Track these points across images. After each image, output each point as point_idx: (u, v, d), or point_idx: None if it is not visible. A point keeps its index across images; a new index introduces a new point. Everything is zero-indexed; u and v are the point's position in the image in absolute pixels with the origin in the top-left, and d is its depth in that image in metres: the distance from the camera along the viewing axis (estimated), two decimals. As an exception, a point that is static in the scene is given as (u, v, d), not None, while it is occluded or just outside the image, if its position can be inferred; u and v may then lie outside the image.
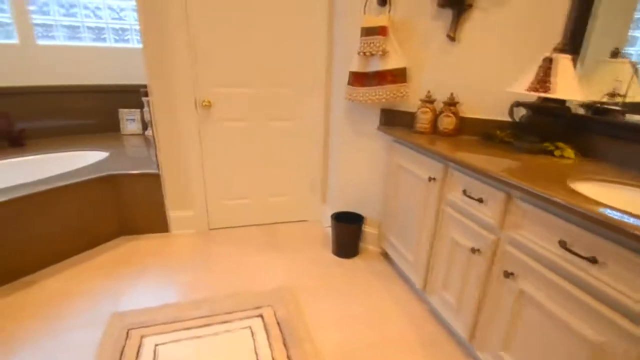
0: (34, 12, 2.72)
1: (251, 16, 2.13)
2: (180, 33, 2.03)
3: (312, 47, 2.28)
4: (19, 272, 1.88)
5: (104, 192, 2.18)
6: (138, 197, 2.29)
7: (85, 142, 2.80)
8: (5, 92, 2.60)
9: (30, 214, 1.85)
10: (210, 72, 2.17)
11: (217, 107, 2.25)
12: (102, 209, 2.20)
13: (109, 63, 3.00)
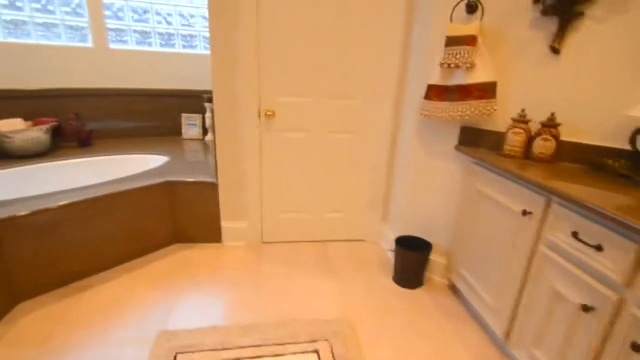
0: (108, 17, 2.82)
1: (320, 24, 2.00)
2: (248, 41, 1.95)
3: (383, 56, 2.10)
4: (75, 275, 1.87)
5: (160, 198, 2.14)
6: (193, 205, 2.23)
7: (147, 145, 2.83)
8: (77, 94, 2.69)
9: (89, 217, 1.84)
10: (275, 81, 2.07)
11: (279, 116, 2.14)
12: (158, 215, 2.16)
13: (175, 68, 3.04)
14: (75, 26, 2.71)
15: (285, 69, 2.06)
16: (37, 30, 2.51)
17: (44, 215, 1.66)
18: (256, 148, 2.17)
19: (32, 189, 2.21)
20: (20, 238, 1.63)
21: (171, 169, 2.31)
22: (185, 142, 3.08)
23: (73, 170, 2.40)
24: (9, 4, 2.40)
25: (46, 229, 1.69)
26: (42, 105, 2.52)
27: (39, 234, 1.68)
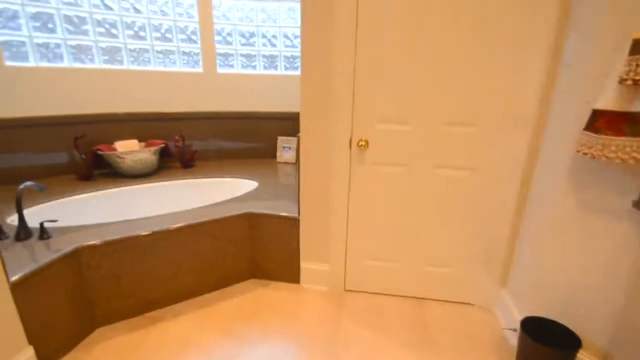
0: (218, 42, 2.90)
1: (432, 34, 1.56)
2: (343, 59, 1.64)
3: (519, 71, 1.54)
4: (149, 304, 1.79)
5: (241, 230, 1.96)
6: (273, 240, 2.00)
7: (243, 168, 2.75)
8: (184, 117, 2.79)
9: (168, 246, 1.74)
10: (372, 106, 1.71)
11: (374, 147, 1.77)
12: (236, 248, 1.98)
13: (276, 90, 2.96)
14: (189, 52, 2.84)
15: (383, 90, 1.68)
16: (156, 58, 2.70)
17: (126, 243, 1.60)
18: (344, 182, 1.83)
19: (129, 209, 2.26)
20: (102, 263, 1.59)
21: (257, 197, 2.14)
22: (280, 165, 2.95)
23: (171, 192, 2.42)
24: (134, 34, 2.63)
25: (127, 255, 1.63)
26: (154, 127, 2.68)
27: (119, 260, 1.63)
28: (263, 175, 2.57)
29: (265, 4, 2.91)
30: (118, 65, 2.55)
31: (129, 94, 2.54)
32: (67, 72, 2.31)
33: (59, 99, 2.29)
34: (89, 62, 2.44)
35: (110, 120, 2.48)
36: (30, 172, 2.24)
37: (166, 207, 2.35)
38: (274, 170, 2.77)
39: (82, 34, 2.40)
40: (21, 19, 2.16)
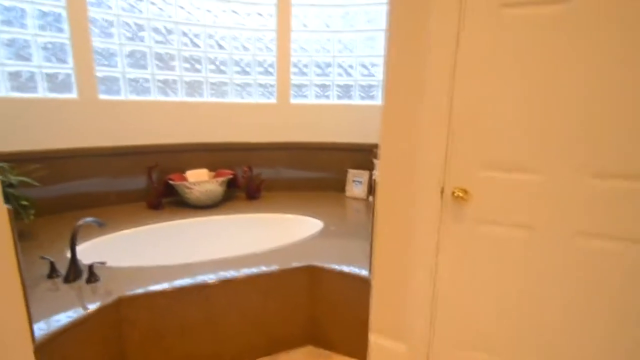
0: (294, 74, 2.86)
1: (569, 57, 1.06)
2: (437, 88, 1.22)
3: None
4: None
5: (299, 285, 1.60)
6: (337, 302, 1.59)
7: (309, 202, 2.48)
8: (255, 147, 2.64)
9: (213, 299, 1.46)
10: (475, 147, 1.23)
11: (477, 200, 1.27)
12: (293, 307, 1.62)
13: (350, 120, 2.80)
14: (265, 84, 2.85)
15: (495, 125, 1.19)
16: (234, 90, 2.76)
17: (169, 295, 1.38)
18: (431, 242, 1.35)
19: (188, 243, 2.10)
20: (140, 317, 1.36)
21: (321, 243, 1.80)
22: (348, 201, 2.71)
23: (231, 227, 2.21)
24: (215, 68, 2.72)
25: (166, 309, 1.39)
26: (226, 157, 2.66)
27: (158, 314, 1.38)
28: (330, 213, 2.24)
29: (342, 35, 2.82)
30: (198, 97, 2.65)
31: (206, 124, 2.59)
32: (153, 105, 2.31)
33: (143, 129, 2.28)
34: (172, 94, 2.58)
35: (185, 150, 2.52)
36: (109, 197, 2.22)
37: (224, 244, 2.23)
38: (342, 206, 2.48)
39: (169, 69, 2.55)
40: (117, 57, 2.36)
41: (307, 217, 2.22)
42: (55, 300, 1.26)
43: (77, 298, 1.28)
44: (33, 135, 1.96)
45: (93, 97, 2.14)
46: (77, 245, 1.68)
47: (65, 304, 1.24)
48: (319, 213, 2.25)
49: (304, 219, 2.21)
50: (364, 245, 1.75)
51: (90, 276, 1.36)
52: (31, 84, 2.01)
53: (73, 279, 1.36)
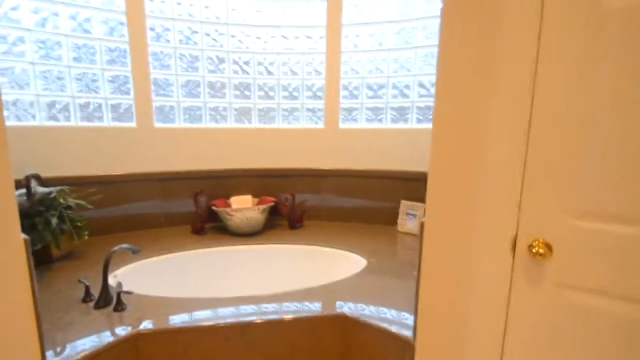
0: (343, 97, 2.75)
1: None
2: (509, 99, 0.95)
3: None
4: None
5: (329, 335, 1.40)
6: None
7: (354, 235, 2.27)
8: (300, 174, 2.56)
9: (232, 340, 1.33)
10: (563, 184, 0.91)
11: (563, 258, 0.94)
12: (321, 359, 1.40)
13: (404, 145, 2.57)
14: (312, 108, 2.78)
15: (597, 153, 0.87)
16: (282, 115, 2.74)
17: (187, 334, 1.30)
18: (497, 308, 1.03)
19: (223, 273, 2.07)
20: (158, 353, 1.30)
21: (360, 286, 1.58)
22: (400, 236, 2.44)
23: (268, 259, 2.12)
24: (264, 94, 2.75)
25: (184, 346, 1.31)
26: (271, 183, 2.59)
27: (177, 351, 1.31)
28: (376, 250, 2.01)
29: (397, 54, 2.63)
30: (247, 124, 2.69)
31: (252, 150, 2.60)
32: (204, 132, 2.37)
33: (193, 155, 2.36)
34: (222, 121, 2.66)
35: (232, 176, 2.53)
36: (158, 220, 2.31)
37: (257, 276, 2.15)
38: (392, 242, 2.19)
39: (220, 97, 2.64)
40: (173, 87, 2.51)
41: (349, 252, 2.04)
42: (80, 327, 1.27)
43: (101, 327, 1.27)
44: (94, 161, 2.14)
45: (149, 125, 2.28)
46: (120, 268, 1.75)
47: (87, 332, 1.24)
48: (363, 249, 2.05)
49: (346, 254, 2.04)
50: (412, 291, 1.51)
51: (117, 304, 1.38)
52: (98, 114, 2.20)
53: (103, 305, 1.39)
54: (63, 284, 1.58)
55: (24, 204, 1.58)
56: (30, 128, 2.01)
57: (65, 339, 1.20)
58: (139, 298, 1.46)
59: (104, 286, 1.40)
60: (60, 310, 1.38)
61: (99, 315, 1.34)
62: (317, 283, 1.72)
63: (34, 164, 1.98)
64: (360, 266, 1.85)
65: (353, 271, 1.78)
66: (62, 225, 1.73)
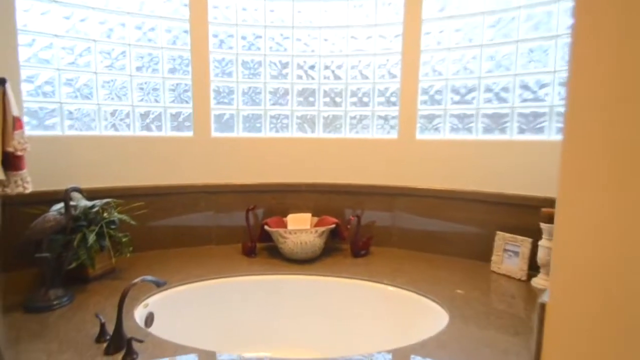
0: (422, 103, 2.36)
1: None
2: None
3: None
4: None
5: None
6: None
7: (431, 271, 1.87)
8: (368, 191, 2.24)
9: None
10: None
11: None
12: None
13: (505, 161, 2.09)
14: (385, 116, 2.44)
15: None
16: (350, 124, 2.45)
17: None
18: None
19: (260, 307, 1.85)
20: None
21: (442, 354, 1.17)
22: (495, 279, 1.81)
23: (321, 295, 1.82)
24: (330, 100, 2.49)
25: None
26: (334, 201, 2.22)
27: None
28: (462, 300, 1.55)
29: (493, 50, 2.19)
30: (310, 133, 2.46)
31: (314, 162, 2.34)
32: (262, 142, 2.25)
33: (250, 167, 2.23)
34: (283, 131, 2.47)
35: (290, 191, 2.22)
36: (210, 235, 2.21)
37: (307, 318, 1.88)
38: (484, 287, 1.70)
39: (281, 105, 2.45)
40: (234, 94, 2.40)
41: (424, 298, 1.63)
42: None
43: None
44: (146, 172, 2.09)
45: (207, 134, 2.18)
46: (154, 295, 1.59)
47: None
48: (444, 294, 1.62)
49: (420, 300, 1.64)
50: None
51: (126, 354, 1.18)
52: (157, 123, 2.17)
53: (113, 352, 1.19)
54: (89, 312, 1.42)
55: (61, 220, 1.50)
56: (87, 138, 2.00)
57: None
58: (156, 344, 1.25)
59: (116, 329, 1.20)
60: (71, 349, 1.19)
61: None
62: (379, 338, 1.45)
63: (83, 174, 1.96)
64: (439, 321, 1.43)
65: (429, 328, 1.38)
66: (102, 242, 1.62)
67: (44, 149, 1.87)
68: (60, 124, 1.97)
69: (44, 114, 1.95)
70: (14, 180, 1.23)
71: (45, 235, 1.48)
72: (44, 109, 1.94)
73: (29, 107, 1.88)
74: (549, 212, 1.68)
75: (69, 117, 2.00)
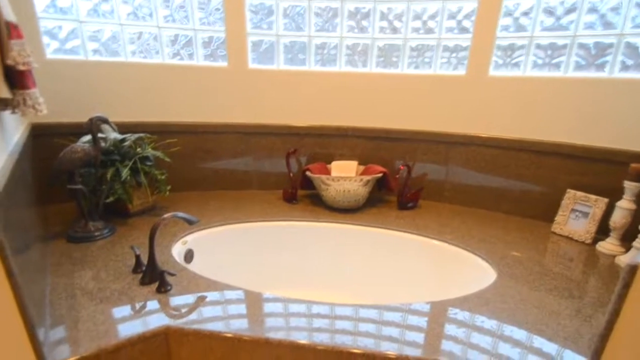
0: (503, 29, 1.94)
1: None
2: None
3: None
4: None
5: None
6: None
7: (485, 228, 1.75)
8: (424, 138, 2.01)
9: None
10: None
11: None
12: None
13: (596, 107, 1.75)
14: (454, 47, 2.09)
15: None
16: (409, 56, 2.13)
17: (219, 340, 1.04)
18: None
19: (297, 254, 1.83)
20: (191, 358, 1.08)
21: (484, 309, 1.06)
22: (554, 239, 1.67)
23: (362, 245, 1.77)
24: (388, 25, 2.15)
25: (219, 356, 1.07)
26: (384, 148, 2.05)
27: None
28: (515, 259, 1.45)
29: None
30: (361, 67, 2.19)
31: (365, 103, 2.10)
32: (305, 76, 2.03)
33: (292, 105, 2.08)
34: (330, 64, 2.20)
35: (336, 135, 2.05)
36: (248, 180, 2.17)
37: (344, 268, 1.85)
38: (541, 247, 1.58)
39: (328, 31, 2.16)
40: (273, 16, 2.12)
41: (473, 254, 1.54)
42: (115, 304, 1.15)
43: (135, 310, 1.13)
44: (179, 106, 2.00)
45: (243, 65, 2.00)
46: (194, 233, 1.62)
47: (117, 316, 1.11)
48: (495, 252, 1.52)
49: (468, 257, 1.55)
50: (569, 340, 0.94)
51: (160, 285, 1.21)
52: (189, 50, 2.01)
53: (148, 282, 1.25)
54: (128, 244, 1.49)
55: (89, 151, 1.47)
56: (113, 64, 1.89)
57: (94, 318, 1.08)
58: (191, 278, 1.30)
59: (149, 261, 1.24)
60: (110, 277, 1.27)
61: (140, 293, 1.21)
62: (418, 292, 1.49)
63: (111, 106, 1.89)
64: (485, 279, 1.37)
65: (474, 285, 1.33)
66: (137, 178, 1.61)
67: (67, 75, 1.80)
68: (82, 47, 1.86)
69: (65, 35, 1.83)
70: (23, 100, 1.13)
71: (74, 167, 1.48)
72: (61, 29, 1.81)
73: (46, 25, 1.77)
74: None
75: (92, 40, 1.88)
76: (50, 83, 1.78)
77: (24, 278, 0.95)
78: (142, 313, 1.13)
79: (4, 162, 1.09)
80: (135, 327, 1.06)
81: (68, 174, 1.50)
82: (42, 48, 1.77)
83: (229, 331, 1.06)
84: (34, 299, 1.02)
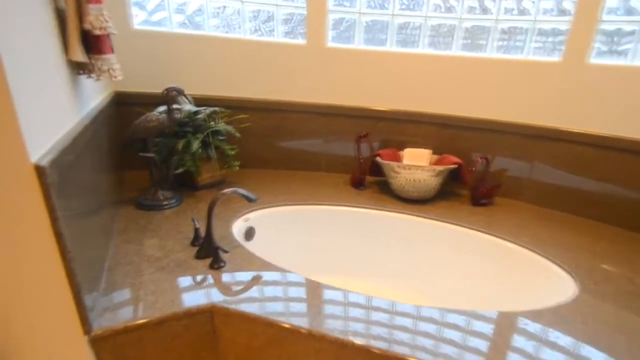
0: (610, 12, 1.76)
1: None
2: None
3: None
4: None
5: None
6: None
7: (571, 234, 1.66)
8: (509, 130, 1.90)
9: None
10: None
11: None
12: None
13: None
14: (550, 31, 1.92)
15: None
16: (499, 39, 2.00)
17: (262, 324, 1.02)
18: None
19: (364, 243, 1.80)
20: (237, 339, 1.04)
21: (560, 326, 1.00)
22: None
23: (429, 240, 1.73)
24: (477, 6, 2.02)
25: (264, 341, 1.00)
26: (462, 137, 1.97)
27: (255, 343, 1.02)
28: (602, 271, 1.37)
29: None
30: (445, 50, 2.10)
31: (445, 88, 2.02)
32: (385, 57, 1.99)
33: (369, 87, 2.05)
34: (412, 46, 2.14)
35: (410, 121, 1.98)
36: (319, 162, 2.19)
37: (409, 262, 1.83)
38: (638, 264, 1.55)
39: (408, 10, 2.08)
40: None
41: (551, 263, 1.46)
42: (172, 275, 1.20)
43: (185, 284, 1.16)
44: (254, 83, 2.05)
45: (321, 43, 2.00)
46: (257, 211, 1.68)
47: (171, 286, 1.15)
48: (578, 262, 1.43)
49: (545, 265, 1.47)
50: None
51: (214, 261, 1.27)
52: (269, 26, 2.04)
53: (204, 256, 1.29)
54: (191, 217, 1.55)
55: (164, 120, 1.55)
56: (194, 38, 1.96)
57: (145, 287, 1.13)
58: (245, 257, 1.32)
59: (206, 235, 1.28)
60: (169, 247, 1.32)
61: (194, 266, 1.24)
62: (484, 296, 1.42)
63: (189, 79, 1.96)
64: (562, 292, 1.28)
65: (548, 297, 1.24)
66: (208, 151, 1.69)
67: (151, 46, 1.89)
68: (169, 19, 1.95)
69: (153, 8, 1.90)
70: (98, 66, 1.14)
71: (148, 135, 1.54)
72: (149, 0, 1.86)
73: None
74: None
75: (178, 12, 1.97)
76: (134, 53, 1.88)
77: (85, 241, 0.99)
78: (192, 288, 1.16)
79: (74, 124, 1.11)
80: (184, 301, 1.09)
81: (142, 142, 1.56)
82: (129, 18, 1.87)
83: (274, 318, 1.04)
84: (91, 263, 1.05)
